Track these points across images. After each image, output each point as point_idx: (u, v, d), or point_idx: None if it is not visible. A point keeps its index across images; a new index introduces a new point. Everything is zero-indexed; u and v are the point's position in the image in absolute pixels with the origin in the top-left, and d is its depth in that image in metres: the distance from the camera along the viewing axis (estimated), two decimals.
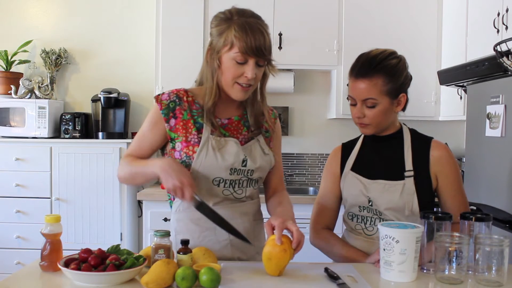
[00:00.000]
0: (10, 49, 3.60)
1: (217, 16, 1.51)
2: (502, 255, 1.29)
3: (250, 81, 1.47)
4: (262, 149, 1.59)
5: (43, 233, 1.39)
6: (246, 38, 1.42)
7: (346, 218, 1.70)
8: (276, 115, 1.71)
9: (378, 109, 1.56)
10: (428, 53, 3.42)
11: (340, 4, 3.42)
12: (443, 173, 1.60)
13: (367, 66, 1.55)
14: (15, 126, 3.35)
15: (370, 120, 1.58)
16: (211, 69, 1.50)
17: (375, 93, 1.54)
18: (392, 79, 1.54)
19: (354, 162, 1.68)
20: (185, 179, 1.38)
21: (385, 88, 1.54)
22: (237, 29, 1.43)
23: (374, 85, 1.53)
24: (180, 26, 3.35)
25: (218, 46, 1.47)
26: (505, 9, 2.48)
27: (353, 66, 1.59)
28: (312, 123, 3.81)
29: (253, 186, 1.60)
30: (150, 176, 1.49)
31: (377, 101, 1.54)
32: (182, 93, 1.56)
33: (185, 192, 1.37)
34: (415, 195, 1.56)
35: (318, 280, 1.31)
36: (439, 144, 1.64)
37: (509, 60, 2.05)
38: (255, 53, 1.43)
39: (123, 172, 1.57)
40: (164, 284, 1.23)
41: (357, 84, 1.55)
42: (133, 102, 3.71)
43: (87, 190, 3.27)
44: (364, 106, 1.56)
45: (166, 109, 1.53)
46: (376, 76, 1.53)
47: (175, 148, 1.53)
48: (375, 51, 1.59)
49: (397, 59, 1.58)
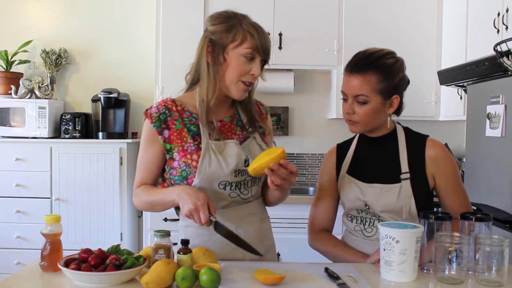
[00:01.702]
0: (10, 49, 3.60)
1: (220, 14, 1.51)
2: (502, 255, 1.29)
3: (254, 79, 1.49)
4: (259, 146, 1.59)
5: (43, 233, 1.39)
6: (258, 36, 1.45)
7: (345, 219, 1.70)
8: (267, 110, 1.71)
9: (369, 107, 1.54)
10: (428, 53, 3.42)
11: (340, 4, 3.42)
12: (440, 172, 1.58)
13: (362, 62, 1.54)
14: (15, 126, 3.35)
15: (359, 118, 1.56)
16: (213, 66, 1.49)
17: (367, 90, 1.52)
18: (386, 78, 1.53)
19: (350, 165, 1.67)
20: (199, 202, 1.37)
21: (378, 86, 1.52)
22: (249, 26, 1.46)
23: (367, 82, 1.52)
24: (180, 26, 3.35)
25: (224, 42, 1.47)
26: (505, 9, 2.48)
27: (349, 62, 1.58)
28: (312, 123, 3.81)
29: (257, 185, 1.60)
30: (169, 204, 1.50)
31: (368, 98, 1.53)
32: (170, 104, 1.55)
33: (200, 215, 1.36)
34: (412, 198, 1.55)
35: (318, 280, 1.31)
36: (434, 142, 1.61)
37: (509, 60, 2.05)
38: (264, 52, 1.47)
39: (140, 202, 1.58)
40: (164, 284, 1.23)
41: (350, 79, 1.55)
42: (133, 102, 3.71)
43: (87, 190, 3.27)
44: (355, 102, 1.55)
45: (157, 121, 1.52)
46: (370, 72, 1.52)
47: (173, 158, 1.53)
48: (373, 49, 1.58)
49: (394, 59, 1.57)
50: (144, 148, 1.57)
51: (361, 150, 1.68)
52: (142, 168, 1.58)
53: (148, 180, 1.57)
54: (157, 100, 3.34)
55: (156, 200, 1.53)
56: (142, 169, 1.57)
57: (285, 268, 1.38)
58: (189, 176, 1.50)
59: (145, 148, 1.56)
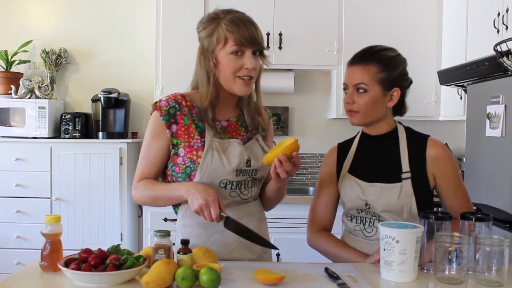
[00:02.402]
0: (10, 49, 3.60)
1: (202, 20, 1.53)
2: (502, 255, 1.29)
3: (251, 72, 1.47)
4: (262, 148, 1.59)
5: (43, 233, 1.39)
6: (239, 30, 1.44)
7: (345, 219, 1.69)
8: (270, 115, 1.72)
9: (368, 96, 1.56)
10: (428, 53, 3.42)
11: (340, 4, 3.42)
12: (440, 172, 1.59)
13: (363, 54, 1.61)
14: (15, 126, 3.35)
15: (359, 107, 1.58)
16: (206, 71, 1.50)
17: (367, 79, 1.56)
18: (385, 69, 1.57)
19: (351, 164, 1.67)
20: (210, 197, 1.37)
21: (377, 76, 1.56)
22: (228, 24, 1.45)
23: (367, 71, 1.56)
24: (180, 26, 3.35)
25: (211, 46, 1.47)
26: (505, 9, 2.48)
27: (352, 56, 1.64)
28: (312, 123, 3.81)
29: (257, 186, 1.60)
30: (174, 200, 1.49)
31: (368, 87, 1.56)
32: (180, 98, 1.55)
33: (211, 211, 1.36)
34: (413, 197, 1.55)
35: (318, 280, 1.31)
36: (435, 142, 1.62)
37: (509, 60, 2.05)
38: (250, 42, 1.45)
39: (142, 196, 1.54)
40: (164, 284, 1.23)
41: (351, 70, 1.60)
42: (133, 102, 3.71)
43: (87, 190, 3.27)
44: (355, 92, 1.58)
45: (166, 115, 1.51)
46: (370, 63, 1.57)
47: (178, 154, 1.52)
48: (375, 45, 1.64)
49: (395, 54, 1.62)
50: (150, 141, 1.54)
51: (362, 149, 1.68)
52: (146, 161, 1.55)
53: (151, 173, 1.55)
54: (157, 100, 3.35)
55: (161, 195, 1.51)
56: (146, 162, 1.55)
57: (285, 268, 1.38)
58: (192, 173, 1.49)
59: (151, 140, 1.54)
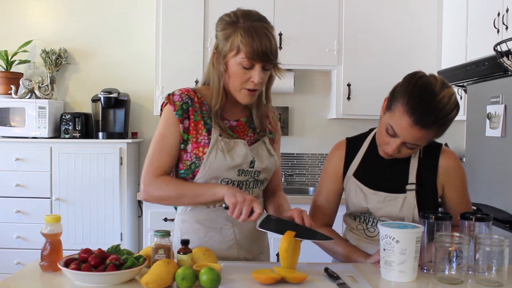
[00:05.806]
0: (10, 49, 3.60)
1: (222, 19, 1.49)
2: (502, 255, 1.29)
3: (257, 85, 1.46)
4: (268, 150, 1.59)
5: (43, 233, 1.39)
6: (252, 43, 1.40)
7: (347, 217, 1.69)
8: (277, 117, 1.72)
9: (415, 150, 1.53)
10: (428, 53, 3.42)
11: (340, 4, 3.42)
12: (450, 183, 1.59)
13: (431, 119, 1.42)
14: (15, 126, 3.35)
15: (401, 155, 1.53)
16: (217, 72, 1.48)
17: (424, 142, 1.49)
18: (444, 131, 1.49)
19: (358, 167, 1.64)
20: (247, 196, 1.39)
21: (433, 137, 1.50)
22: (243, 34, 1.41)
23: (426, 136, 1.45)
24: (180, 26, 3.35)
25: (224, 51, 1.45)
26: (505, 9, 2.48)
27: (416, 106, 1.41)
28: (312, 123, 3.81)
29: (259, 187, 1.60)
30: (207, 196, 1.46)
31: (420, 147, 1.52)
32: (192, 94, 1.53)
33: (254, 206, 1.37)
34: (416, 209, 1.55)
35: (318, 280, 1.31)
36: (448, 152, 1.61)
37: (509, 60, 2.05)
38: (261, 58, 1.42)
39: (162, 191, 1.49)
40: (164, 284, 1.23)
41: (412, 129, 1.43)
42: (133, 102, 3.71)
43: (87, 190, 3.27)
44: (405, 146, 1.49)
45: (180, 110, 1.50)
46: (433, 128, 1.44)
47: (186, 149, 1.51)
48: (442, 95, 1.43)
49: (457, 110, 1.48)
50: (165, 132, 1.51)
51: (371, 154, 1.64)
52: (163, 152, 1.50)
53: (169, 166, 1.52)
54: (157, 100, 3.35)
55: (191, 190, 1.47)
56: (163, 154, 1.50)
57: None
58: (196, 169, 1.49)
59: (167, 131, 1.51)
